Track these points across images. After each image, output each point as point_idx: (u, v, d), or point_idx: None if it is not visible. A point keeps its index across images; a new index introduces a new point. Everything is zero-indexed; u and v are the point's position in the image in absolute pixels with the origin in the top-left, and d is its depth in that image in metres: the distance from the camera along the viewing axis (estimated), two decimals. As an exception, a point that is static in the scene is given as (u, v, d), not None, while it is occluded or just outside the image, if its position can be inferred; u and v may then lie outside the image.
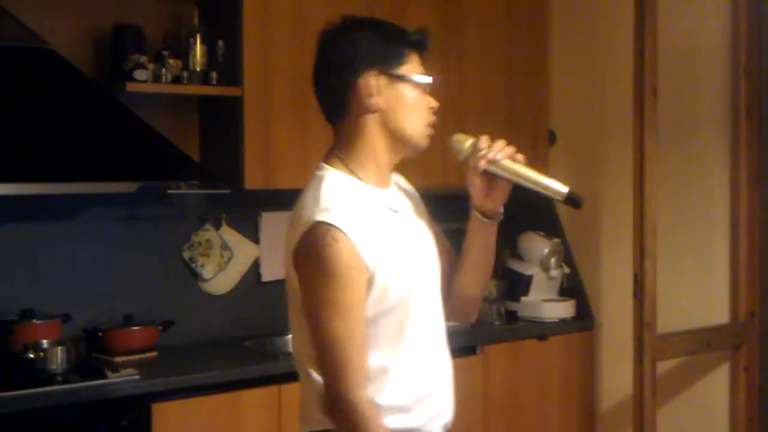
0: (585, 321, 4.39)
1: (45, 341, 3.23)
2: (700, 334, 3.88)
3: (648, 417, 3.59)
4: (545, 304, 4.33)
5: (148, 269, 3.78)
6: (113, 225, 3.71)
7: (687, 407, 4.04)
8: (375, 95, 2.00)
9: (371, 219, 1.97)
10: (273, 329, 3.96)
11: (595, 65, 4.37)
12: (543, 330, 4.25)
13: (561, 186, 2.02)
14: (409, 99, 2.03)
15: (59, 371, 3.14)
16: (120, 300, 3.68)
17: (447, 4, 4.17)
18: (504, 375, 4.08)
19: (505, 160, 2.03)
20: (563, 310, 4.34)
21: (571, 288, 4.44)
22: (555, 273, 4.36)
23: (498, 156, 2.02)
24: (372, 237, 1.93)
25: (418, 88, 2.04)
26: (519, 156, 2.04)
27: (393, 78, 2.01)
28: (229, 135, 3.70)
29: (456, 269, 2.18)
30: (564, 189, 2.02)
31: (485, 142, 2.05)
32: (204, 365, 3.44)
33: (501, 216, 2.11)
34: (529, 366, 4.18)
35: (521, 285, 4.37)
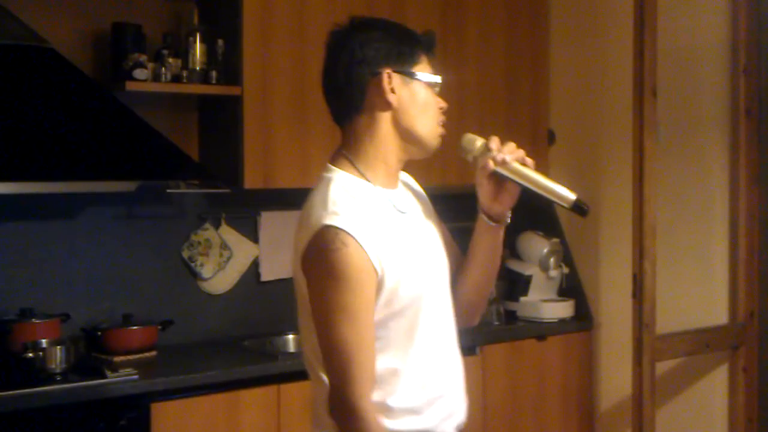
0: (584, 321, 4.39)
1: (44, 341, 3.23)
2: (699, 334, 3.88)
3: (647, 417, 3.59)
4: (544, 304, 4.33)
5: (147, 268, 3.78)
6: (112, 224, 3.71)
7: (686, 408, 4.04)
8: (390, 93, 2.00)
9: (379, 221, 1.97)
10: (272, 329, 3.97)
11: (595, 65, 4.37)
12: (542, 330, 4.25)
13: (569, 193, 2.02)
14: (422, 98, 2.03)
15: (58, 371, 3.14)
16: (119, 299, 3.68)
17: (447, 4, 4.17)
18: (503, 375, 4.08)
19: (515, 162, 2.02)
20: (562, 310, 4.34)
21: (570, 288, 4.44)
22: (554, 273, 4.36)
23: (507, 158, 2.01)
24: (381, 239, 1.93)
25: (429, 88, 2.04)
26: (528, 160, 2.03)
27: (407, 77, 2.01)
28: (229, 134, 3.70)
29: (461, 272, 2.17)
30: (572, 196, 2.01)
31: (496, 143, 2.04)
32: (203, 365, 3.44)
33: (508, 220, 2.11)
34: (528, 366, 4.18)
35: (520, 285, 4.37)
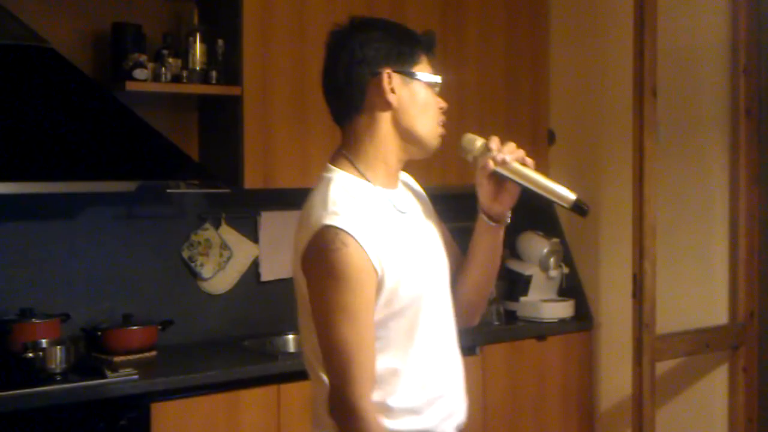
0: (584, 321, 4.39)
1: (44, 341, 3.23)
2: (699, 334, 3.88)
3: (647, 417, 3.59)
4: (544, 304, 4.33)
5: (147, 268, 3.78)
6: (112, 224, 3.71)
7: (686, 408, 4.04)
8: (390, 93, 2.00)
9: (379, 221, 1.97)
10: (272, 329, 3.97)
11: (595, 65, 4.37)
12: (542, 330, 4.25)
13: (569, 193, 2.01)
14: (422, 98, 2.03)
15: (58, 371, 3.14)
16: (119, 299, 3.68)
17: (447, 4, 4.17)
18: (503, 375, 4.08)
19: (515, 162, 2.02)
20: (562, 310, 4.34)
21: (570, 288, 4.44)
22: (554, 273, 4.36)
23: (508, 158, 2.01)
24: (381, 240, 1.93)
25: (429, 88, 2.05)
26: (528, 160, 2.03)
27: (407, 77, 2.01)
28: (229, 134, 3.70)
29: (461, 272, 2.17)
30: (572, 196, 2.01)
31: (496, 143, 2.04)
32: (203, 365, 3.44)
33: (508, 220, 2.11)
34: (528, 366, 4.18)
35: (520, 285, 4.37)
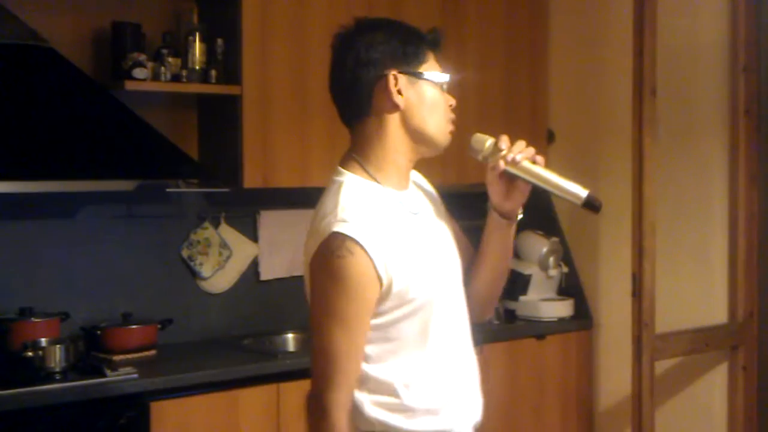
0: (583, 320, 4.39)
1: (43, 340, 3.23)
2: (698, 333, 3.88)
3: (646, 416, 3.59)
4: (543, 303, 4.33)
5: (146, 268, 3.78)
6: (112, 223, 3.71)
7: (685, 407, 4.04)
8: (396, 95, 1.99)
9: (390, 225, 1.97)
10: (271, 328, 3.97)
11: (594, 64, 4.37)
12: (541, 329, 4.25)
13: (580, 190, 2.01)
14: (430, 97, 2.03)
15: (58, 370, 3.14)
16: (118, 298, 3.68)
17: (446, 2, 4.17)
18: (502, 374, 4.07)
19: (525, 161, 2.01)
20: (561, 309, 4.34)
21: (570, 287, 4.44)
22: (553, 272, 4.36)
23: (518, 157, 2.01)
24: (390, 244, 1.93)
25: (437, 86, 2.04)
26: (539, 158, 2.03)
27: (414, 77, 2.01)
28: (228, 133, 3.70)
29: (472, 268, 2.18)
30: (583, 193, 2.00)
31: (505, 142, 2.04)
32: (202, 364, 3.43)
33: (519, 216, 2.11)
34: (528, 365, 4.18)
35: (520, 284, 4.37)
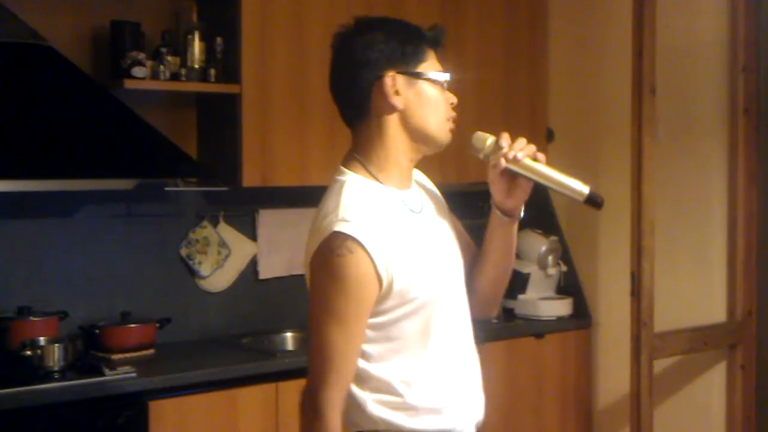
0: (582, 319, 4.39)
1: (42, 338, 3.23)
2: (697, 332, 3.88)
3: (645, 415, 3.59)
4: (542, 302, 4.33)
5: (145, 266, 3.78)
6: (111, 222, 3.70)
7: (684, 406, 4.04)
8: (394, 96, 1.99)
9: (391, 224, 1.97)
10: (270, 327, 3.97)
11: (594, 63, 4.37)
12: (540, 328, 4.25)
13: (582, 186, 2.00)
14: (429, 96, 2.02)
15: (56, 368, 3.14)
16: (117, 297, 3.68)
17: (446, 1, 4.16)
18: (501, 373, 4.07)
19: (526, 159, 2.01)
20: (560, 308, 4.34)
21: (569, 286, 4.44)
22: (552, 271, 4.36)
23: (519, 155, 2.01)
24: (391, 244, 1.93)
25: (437, 84, 2.03)
26: (540, 155, 2.03)
27: (412, 77, 2.00)
28: (227, 132, 3.70)
29: (476, 267, 2.19)
30: (585, 189, 2.00)
31: (506, 140, 2.03)
32: (201, 363, 3.43)
33: (522, 214, 2.11)
34: (526, 364, 4.18)
35: (518, 283, 4.36)
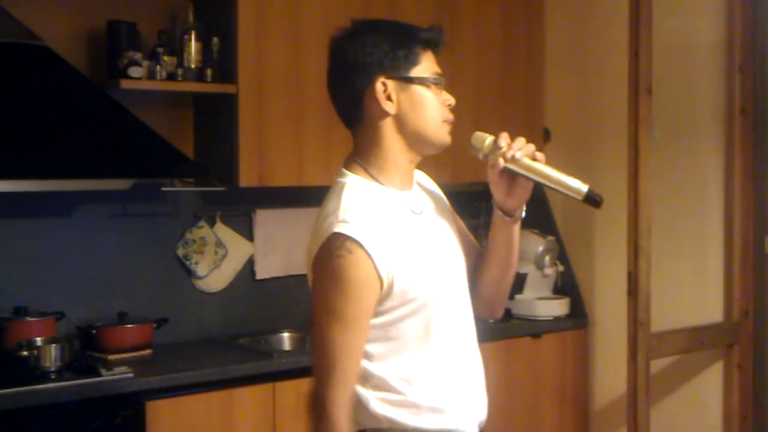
0: (579, 319, 4.39)
1: (39, 339, 3.22)
2: (694, 332, 3.88)
3: (642, 415, 3.60)
4: (539, 302, 4.33)
5: (142, 267, 3.77)
6: (107, 222, 3.70)
7: (681, 405, 4.05)
8: (386, 101, 1.99)
9: (392, 225, 1.97)
10: (267, 327, 3.97)
11: (590, 62, 4.37)
12: (537, 328, 4.25)
13: (581, 185, 2.00)
14: (423, 100, 2.01)
15: (53, 369, 3.13)
16: (114, 297, 3.67)
17: (442, 2, 4.16)
18: (498, 373, 4.04)
19: (525, 158, 2.01)
20: (557, 308, 4.34)
21: (565, 286, 4.44)
22: (549, 271, 4.36)
23: (518, 154, 2.00)
24: (392, 245, 1.93)
25: (431, 87, 2.02)
26: (539, 154, 2.02)
27: (404, 81, 2.00)
28: (224, 132, 3.69)
29: (479, 267, 2.19)
30: (584, 188, 2.00)
31: (505, 139, 2.03)
32: (198, 363, 3.43)
33: (523, 214, 2.11)
34: (523, 364, 4.18)
35: (515, 283, 4.32)
